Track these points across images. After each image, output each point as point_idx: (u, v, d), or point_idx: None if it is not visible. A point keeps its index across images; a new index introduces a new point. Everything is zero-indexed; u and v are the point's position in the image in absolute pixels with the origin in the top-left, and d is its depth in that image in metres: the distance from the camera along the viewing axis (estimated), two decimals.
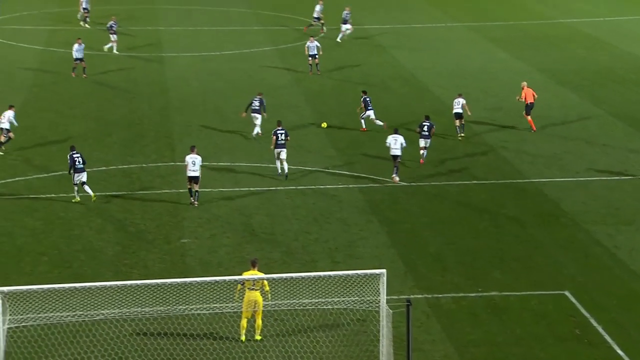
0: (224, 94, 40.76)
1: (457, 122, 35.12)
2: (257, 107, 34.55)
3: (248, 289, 20.05)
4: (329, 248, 25.52)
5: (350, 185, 30.17)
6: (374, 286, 18.70)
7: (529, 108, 36.05)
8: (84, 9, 53.20)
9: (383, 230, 26.44)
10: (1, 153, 32.72)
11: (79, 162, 28.25)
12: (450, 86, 41.65)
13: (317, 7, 51.93)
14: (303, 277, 20.44)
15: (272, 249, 25.45)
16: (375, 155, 32.63)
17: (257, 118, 34.55)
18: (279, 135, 30.44)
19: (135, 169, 31.52)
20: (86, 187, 28.40)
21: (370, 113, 35.52)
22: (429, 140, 32.32)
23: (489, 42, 51.60)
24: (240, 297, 20.06)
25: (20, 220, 26.96)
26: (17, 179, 30.43)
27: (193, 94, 40.34)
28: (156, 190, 29.66)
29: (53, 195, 29.06)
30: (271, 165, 31.34)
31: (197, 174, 28.21)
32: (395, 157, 30.45)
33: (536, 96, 36.47)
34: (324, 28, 51.55)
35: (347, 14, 50.82)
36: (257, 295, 20.07)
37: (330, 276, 19.54)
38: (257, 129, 34.55)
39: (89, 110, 38.19)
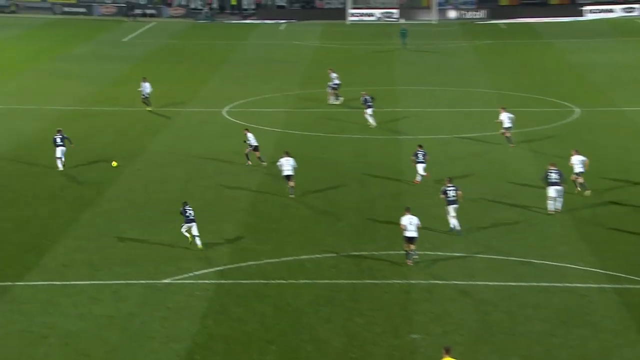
0: (462, 180, 39.34)
1: None
2: None
3: None
4: (576, 355, 23.76)
5: (604, 285, 28.25)
6: None
7: None
8: (336, 84, 54.04)
9: None
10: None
11: (189, 213, 31.46)
12: None
13: None
14: None
15: (511, 351, 23.82)
16: (634, 252, 30.17)
17: None
18: None
19: (366, 257, 31.04)
20: (197, 240, 31.25)
21: None
22: None
23: None
24: None
25: (250, 306, 27.28)
26: (249, 263, 30.42)
27: (426, 179, 39.10)
28: (386, 279, 28.95)
29: (283, 280, 28.97)
30: (511, 258, 29.60)
31: (415, 234, 29.47)
32: None
33: None
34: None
35: None
36: None
37: None
38: None
39: (320, 193, 37.87)
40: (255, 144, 41.32)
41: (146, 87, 52.46)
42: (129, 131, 48.42)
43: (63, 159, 41.05)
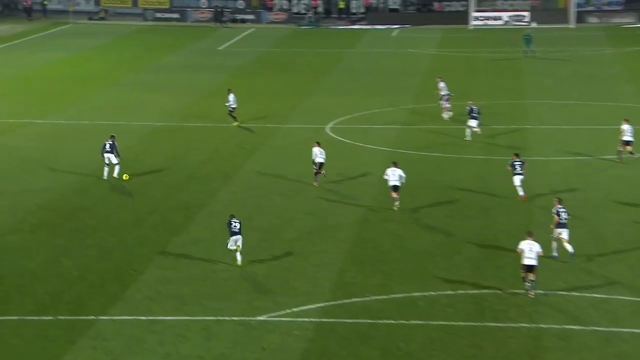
0: (603, 207, 38.43)
1: None
2: None
3: None
4: None
5: None
6: None
7: None
8: (446, 95, 53.86)
9: None
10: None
11: (235, 226, 32.87)
12: None
13: None
14: None
15: None
16: None
17: None
18: None
19: (488, 295, 30.49)
20: (238, 255, 32.76)
21: None
22: None
23: None
24: None
25: (355, 349, 27.24)
26: (354, 299, 30.29)
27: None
28: (512, 323, 28.58)
29: (392, 321, 28.79)
30: None
31: (534, 262, 29.79)
32: None
33: None
34: None
35: None
36: None
37: None
38: None
39: (435, 222, 37.61)
40: (321, 160, 41.88)
41: (232, 100, 53.35)
42: (222, 149, 48.93)
43: (112, 165, 42.75)
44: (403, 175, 38.84)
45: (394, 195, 38.69)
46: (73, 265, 33.40)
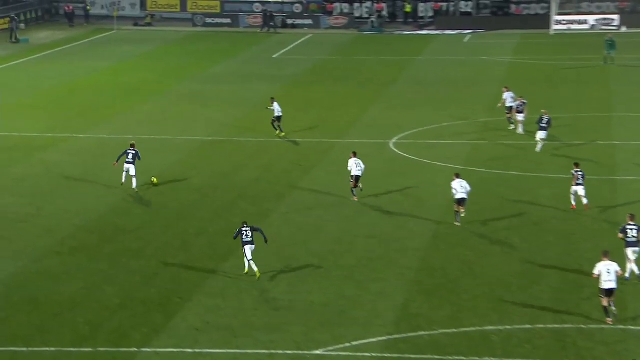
0: None
1: None
2: None
3: None
4: None
5: None
6: None
7: None
8: (519, 106, 53.60)
9: None
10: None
11: (247, 234, 34.53)
12: None
13: None
14: None
15: None
16: None
17: None
18: None
19: (570, 331, 30.16)
20: (253, 265, 34.36)
21: None
22: None
23: None
24: None
25: None
26: (420, 333, 30.20)
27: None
28: None
29: (462, 357, 28.70)
30: None
31: (614, 285, 29.91)
32: None
33: None
34: None
35: None
36: None
37: None
38: None
39: (511, 247, 37.42)
40: (358, 173, 42.52)
41: (277, 109, 53.91)
42: (275, 166, 48.95)
43: (130, 176, 44.21)
44: (469, 189, 39.58)
45: (461, 209, 39.29)
46: (114, 292, 33.50)
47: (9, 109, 61.09)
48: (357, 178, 42.58)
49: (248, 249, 34.37)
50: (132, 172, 44.21)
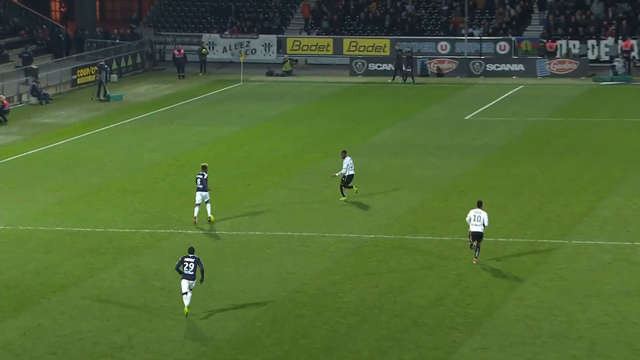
0: None
1: None
2: None
3: None
4: None
5: None
6: None
7: None
8: None
9: None
10: None
11: (188, 267, 42.95)
12: None
13: None
14: None
15: None
16: None
17: None
18: None
19: None
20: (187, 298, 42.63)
21: None
22: None
23: None
24: None
25: None
26: None
27: None
28: None
29: None
30: None
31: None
32: None
33: None
34: None
35: None
36: None
37: None
38: None
39: None
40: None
41: (347, 165, 59.16)
42: (467, 278, 48.51)
43: (204, 204, 55.87)
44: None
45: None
46: None
47: (91, 194, 62.41)
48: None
49: (186, 285, 43.10)
50: (206, 198, 55.68)
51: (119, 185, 65.34)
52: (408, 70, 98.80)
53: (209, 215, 56.11)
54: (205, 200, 55.88)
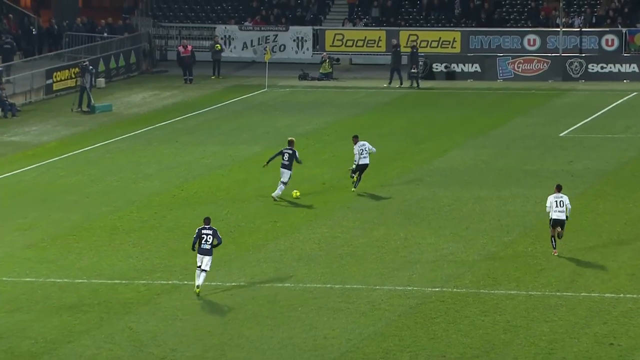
0: None
1: None
2: None
3: None
4: None
5: None
6: None
7: None
8: None
9: None
10: None
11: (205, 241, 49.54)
12: None
13: None
14: None
15: None
16: None
17: None
18: None
19: None
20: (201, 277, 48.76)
21: None
22: None
23: None
24: None
25: None
26: None
27: None
28: None
29: None
30: None
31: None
32: None
33: None
34: None
35: None
36: None
37: None
38: None
39: None
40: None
41: (358, 152, 65.99)
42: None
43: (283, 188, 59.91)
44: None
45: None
46: None
47: (70, 235, 62.65)
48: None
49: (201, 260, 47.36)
50: (285, 177, 62.83)
51: (106, 223, 65.59)
52: (413, 71, 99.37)
53: (277, 193, 63.69)
54: (284, 180, 62.95)
